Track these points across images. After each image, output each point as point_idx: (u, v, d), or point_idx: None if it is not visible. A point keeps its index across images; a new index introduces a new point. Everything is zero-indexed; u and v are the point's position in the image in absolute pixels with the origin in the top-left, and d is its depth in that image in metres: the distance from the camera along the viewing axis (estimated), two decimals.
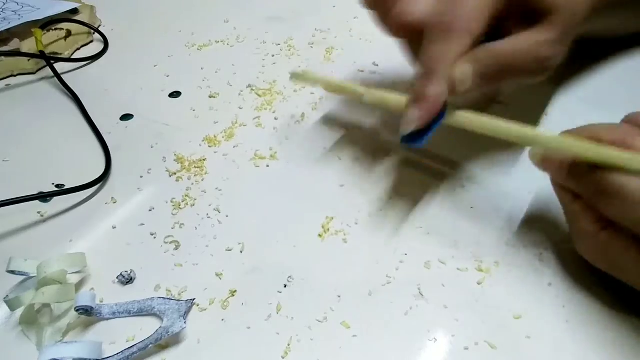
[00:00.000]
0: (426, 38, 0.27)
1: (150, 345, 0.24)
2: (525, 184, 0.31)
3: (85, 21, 0.48)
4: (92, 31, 0.48)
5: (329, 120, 0.37)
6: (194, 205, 0.32)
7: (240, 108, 0.39)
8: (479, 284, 0.26)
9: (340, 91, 0.32)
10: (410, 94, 0.27)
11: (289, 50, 0.44)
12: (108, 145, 0.36)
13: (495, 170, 0.32)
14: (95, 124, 0.38)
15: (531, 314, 0.25)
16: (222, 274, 0.28)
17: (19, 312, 0.26)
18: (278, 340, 0.25)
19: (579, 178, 0.24)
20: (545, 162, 0.25)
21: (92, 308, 0.25)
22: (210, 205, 0.31)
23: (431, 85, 0.26)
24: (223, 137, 0.36)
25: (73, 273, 0.28)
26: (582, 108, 0.36)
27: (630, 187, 0.21)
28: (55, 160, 0.36)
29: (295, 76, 0.34)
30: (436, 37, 0.26)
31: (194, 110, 0.39)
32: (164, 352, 0.24)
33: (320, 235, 0.29)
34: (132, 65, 0.44)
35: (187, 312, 0.26)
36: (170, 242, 0.30)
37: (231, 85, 0.41)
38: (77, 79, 0.43)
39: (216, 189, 0.32)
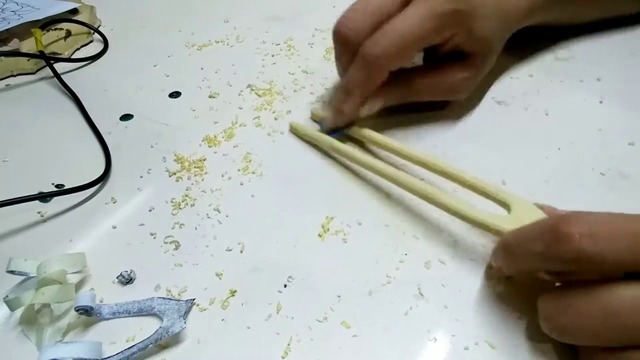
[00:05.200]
0: (354, 61, 0.31)
1: (150, 345, 0.24)
2: (525, 185, 0.31)
3: (85, 21, 0.48)
4: (92, 31, 0.48)
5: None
6: (193, 205, 0.32)
7: (240, 108, 0.39)
8: (479, 284, 0.26)
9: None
10: (332, 105, 0.34)
11: (289, 50, 0.44)
12: (108, 145, 0.36)
13: (494, 172, 0.32)
14: (95, 124, 0.38)
15: (531, 314, 0.25)
16: (222, 274, 0.28)
17: (19, 312, 0.26)
18: (278, 340, 0.25)
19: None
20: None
21: (92, 308, 0.25)
22: (210, 205, 0.31)
23: (346, 104, 0.32)
24: (223, 137, 0.36)
25: (73, 273, 0.28)
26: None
27: None
28: (55, 160, 0.36)
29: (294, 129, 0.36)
30: (360, 65, 0.31)
31: (193, 110, 0.39)
32: (164, 352, 0.24)
33: (320, 235, 0.29)
34: (132, 65, 0.44)
35: (187, 312, 0.26)
36: (170, 242, 0.30)
37: (231, 85, 0.41)
38: (77, 79, 0.43)
39: (216, 189, 0.32)
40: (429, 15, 0.30)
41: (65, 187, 0.32)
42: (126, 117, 0.39)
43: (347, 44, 0.32)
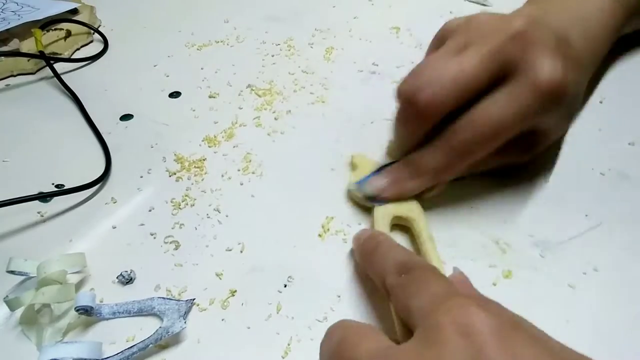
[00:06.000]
0: (437, 144, 0.27)
1: (150, 345, 0.24)
2: (525, 185, 0.31)
3: (85, 21, 0.48)
4: (92, 31, 0.48)
5: (329, 118, 0.37)
6: (193, 205, 0.32)
7: (240, 108, 0.39)
8: (479, 284, 0.26)
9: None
10: (386, 171, 0.29)
11: (289, 50, 0.44)
12: (108, 145, 0.36)
13: (495, 172, 0.32)
14: (95, 124, 0.38)
15: (531, 314, 0.25)
16: (222, 274, 0.28)
17: (19, 312, 0.26)
18: (278, 340, 0.25)
19: None
20: None
21: (92, 308, 0.25)
22: (210, 205, 0.31)
23: (411, 183, 0.28)
24: (223, 137, 0.36)
25: (73, 273, 0.28)
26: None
27: None
28: (55, 160, 0.36)
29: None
30: (447, 152, 0.26)
31: (193, 110, 0.39)
32: (164, 352, 0.24)
33: (320, 235, 0.29)
34: (132, 65, 0.44)
35: (187, 312, 0.26)
36: (170, 242, 0.30)
37: (231, 85, 0.41)
38: (77, 79, 0.43)
39: (216, 189, 0.32)
40: (531, 94, 0.25)
41: (65, 187, 0.32)
42: (126, 117, 0.39)
43: (427, 117, 0.26)
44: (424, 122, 0.26)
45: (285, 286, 0.27)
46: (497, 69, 0.25)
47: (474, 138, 0.25)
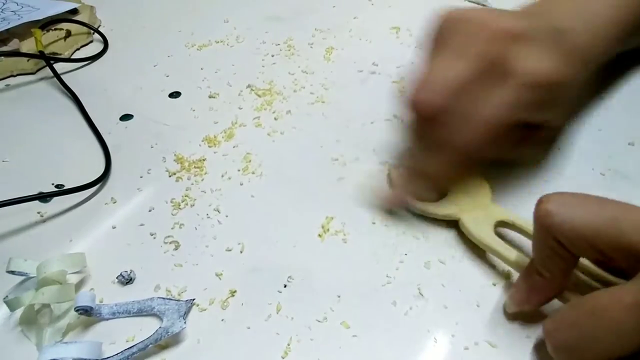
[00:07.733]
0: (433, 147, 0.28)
1: (150, 345, 0.24)
2: (525, 185, 0.31)
3: (85, 21, 0.48)
4: (92, 31, 0.48)
5: (329, 118, 0.37)
6: (193, 205, 0.32)
7: (240, 108, 0.39)
8: (479, 284, 0.26)
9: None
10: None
11: (289, 50, 0.44)
12: (108, 145, 0.36)
13: (494, 172, 0.32)
14: (95, 124, 0.38)
15: (531, 314, 0.25)
16: (222, 274, 0.28)
17: (18, 312, 0.26)
18: (278, 340, 0.25)
19: None
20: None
21: (91, 308, 0.25)
22: (210, 205, 0.31)
23: (417, 188, 0.29)
24: (223, 137, 0.36)
25: (73, 273, 0.28)
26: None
27: None
28: (55, 160, 0.36)
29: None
30: (442, 154, 0.27)
31: (193, 110, 0.39)
32: (164, 352, 0.24)
33: (320, 235, 0.29)
34: (132, 65, 0.44)
35: (186, 312, 0.26)
36: (170, 242, 0.30)
37: (231, 86, 0.41)
38: (77, 79, 0.43)
39: (216, 189, 0.32)
40: (519, 88, 0.25)
41: (65, 187, 0.32)
42: (126, 117, 0.39)
43: (424, 119, 0.27)
44: (422, 123, 0.27)
45: (285, 286, 0.27)
46: (486, 68, 0.26)
47: (466, 134, 0.26)
